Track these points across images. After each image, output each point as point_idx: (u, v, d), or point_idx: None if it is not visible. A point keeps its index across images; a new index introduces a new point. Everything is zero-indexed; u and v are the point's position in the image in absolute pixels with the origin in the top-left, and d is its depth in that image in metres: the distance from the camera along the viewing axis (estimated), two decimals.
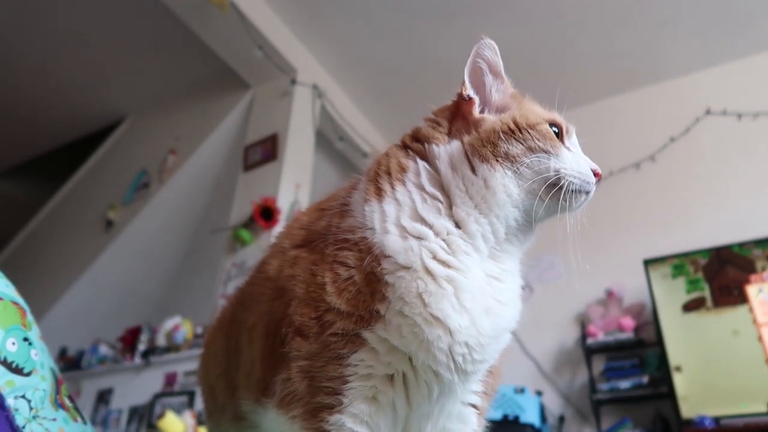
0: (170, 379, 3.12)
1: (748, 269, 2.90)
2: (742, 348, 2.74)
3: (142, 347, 3.35)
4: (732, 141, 3.62)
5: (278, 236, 0.88)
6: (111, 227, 4.12)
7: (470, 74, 0.83)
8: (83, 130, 5.11)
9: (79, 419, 1.05)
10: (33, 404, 0.95)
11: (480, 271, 0.75)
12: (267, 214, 3.19)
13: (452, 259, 0.73)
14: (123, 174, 4.45)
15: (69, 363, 3.61)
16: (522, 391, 2.89)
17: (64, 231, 4.60)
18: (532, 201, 0.76)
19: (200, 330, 3.21)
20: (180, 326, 3.24)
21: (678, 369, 2.83)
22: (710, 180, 3.57)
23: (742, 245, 2.97)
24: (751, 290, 2.83)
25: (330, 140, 4.14)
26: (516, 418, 2.78)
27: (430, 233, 0.74)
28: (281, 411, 0.74)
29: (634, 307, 3.34)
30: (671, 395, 2.79)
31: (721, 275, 2.95)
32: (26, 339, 1.00)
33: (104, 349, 3.58)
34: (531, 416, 2.80)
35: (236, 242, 3.27)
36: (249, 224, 3.25)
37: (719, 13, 3.54)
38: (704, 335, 2.86)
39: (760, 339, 2.71)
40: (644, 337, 3.18)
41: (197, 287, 4.01)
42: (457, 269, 0.73)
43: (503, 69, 0.86)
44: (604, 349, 3.26)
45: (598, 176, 0.80)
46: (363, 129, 4.37)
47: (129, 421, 3.15)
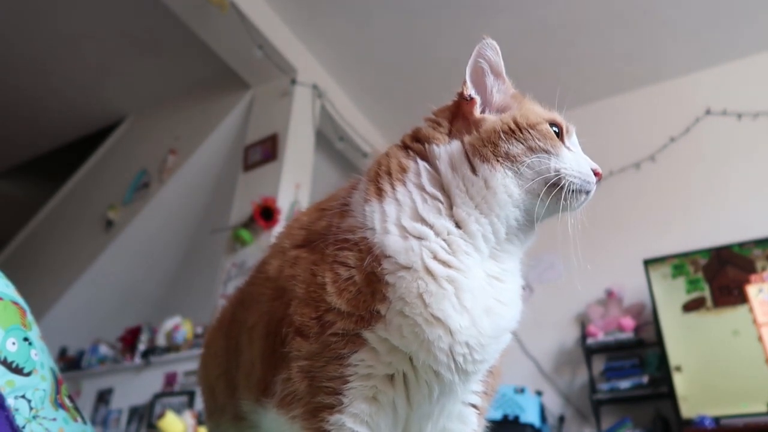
0: (170, 379, 3.12)
1: (748, 269, 2.90)
2: (742, 348, 2.74)
3: (142, 347, 3.35)
4: (732, 141, 3.62)
5: (278, 236, 0.88)
6: (111, 227, 4.12)
7: (472, 74, 0.83)
8: (83, 130, 5.11)
9: (79, 419, 1.05)
10: (33, 404, 0.95)
11: (480, 271, 0.75)
12: (267, 214, 3.19)
13: (453, 259, 0.73)
14: (123, 174, 4.45)
15: (69, 363, 3.61)
16: (522, 391, 2.89)
17: (64, 231, 4.60)
18: (533, 201, 0.76)
19: (200, 330, 3.21)
20: (180, 326, 3.24)
21: (678, 369, 2.83)
22: (710, 180, 3.57)
23: (742, 245, 2.97)
24: (751, 290, 2.83)
25: (330, 140, 4.14)
26: (516, 418, 2.78)
27: (431, 233, 0.74)
28: (281, 411, 0.74)
29: (634, 307, 3.34)
30: (671, 395, 2.79)
31: (721, 275, 2.95)
32: (26, 339, 1.00)
33: (104, 349, 3.58)
34: (531, 416, 2.80)
35: (236, 242, 3.27)
36: (249, 224, 3.25)
37: (719, 13, 3.54)
38: (704, 335, 2.86)
39: (760, 339, 2.71)
40: (644, 337, 3.18)
41: (197, 287, 4.01)
42: (458, 269, 0.72)
43: (504, 69, 0.85)
44: (604, 349, 3.26)
45: (599, 176, 0.80)
46: (363, 129, 4.37)
47: (129, 421, 3.15)
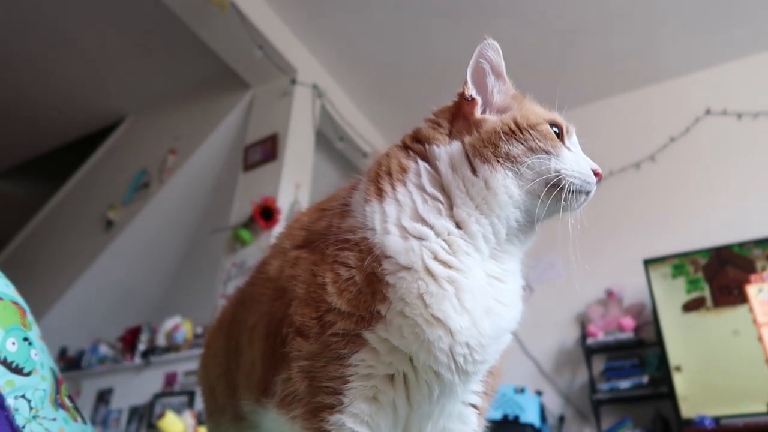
0: (170, 379, 3.12)
1: (748, 269, 2.90)
2: (742, 348, 2.74)
3: (142, 347, 3.35)
4: (732, 141, 3.62)
5: (279, 237, 0.88)
6: (111, 227, 4.12)
7: (473, 75, 0.83)
8: (83, 130, 5.11)
9: (79, 419, 1.05)
10: (33, 404, 0.95)
11: (481, 272, 0.75)
12: (267, 214, 3.19)
13: (453, 260, 0.73)
14: (123, 174, 4.45)
15: (69, 363, 3.62)
16: (522, 391, 2.89)
17: (64, 231, 4.59)
18: (534, 202, 0.76)
19: (200, 330, 3.21)
20: (180, 326, 3.24)
21: (678, 369, 2.83)
22: (710, 180, 3.57)
23: (742, 245, 2.97)
24: (751, 290, 2.83)
25: (330, 140, 4.14)
26: (516, 418, 2.78)
27: (431, 234, 0.74)
28: (282, 411, 0.74)
29: (634, 307, 3.34)
30: (671, 395, 2.79)
31: (721, 275, 2.95)
32: (26, 339, 1.00)
33: (104, 349, 3.58)
34: (531, 416, 2.80)
35: (236, 242, 3.27)
36: (249, 224, 3.25)
37: (719, 13, 3.54)
38: (704, 335, 2.86)
39: (760, 339, 2.71)
40: (644, 337, 3.18)
41: (197, 287, 4.01)
42: (458, 270, 0.72)
43: (505, 69, 0.85)
44: (604, 349, 3.26)
45: (599, 176, 0.80)
46: (363, 129, 4.37)
47: (129, 421, 3.15)
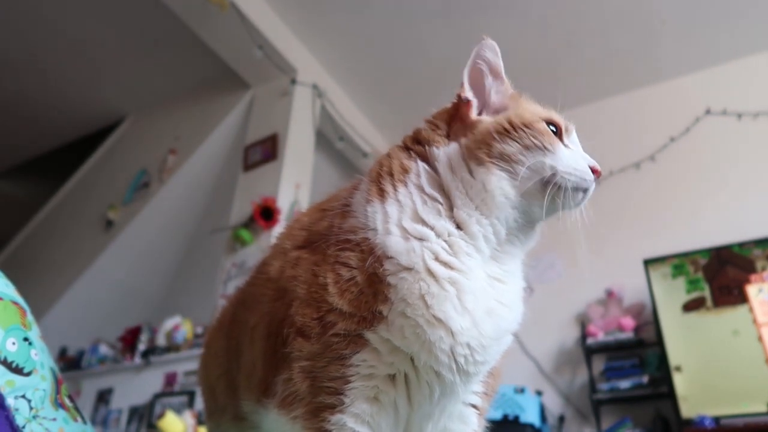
0: (170, 379, 3.12)
1: (748, 269, 2.90)
2: (742, 348, 2.74)
3: (142, 347, 3.35)
4: (732, 141, 3.62)
5: (279, 237, 0.88)
6: (111, 227, 4.12)
7: (470, 75, 0.83)
8: (83, 130, 5.11)
9: (79, 419, 1.05)
10: (33, 404, 0.95)
11: (482, 273, 0.75)
12: (267, 214, 3.19)
13: (454, 261, 0.73)
14: (123, 174, 4.45)
15: (69, 363, 3.61)
16: (522, 391, 2.89)
17: (64, 231, 4.59)
18: (531, 201, 0.76)
19: (200, 330, 3.21)
20: (180, 326, 3.24)
21: (678, 369, 2.83)
22: (710, 180, 3.57)
23: (742, 245, 2.97)
24: (751, 290, 2.83)
25: (330, 140, 4.14)
26: (516, 418, 2.78)
27: (432, 234, 0.73)
28: (282, 411, 0.74)
29: (634, 307, 3.34)
30: (671, 395, 2.79)
31: (721, 275, 2.95)
32: (26, 339, 1.00)
33: (104, 349, 3.58)
34: (531, 416, 2.80)
35: (236, 242, 3.27)
36: (249, 224, 3.25)
37: (719, 13, 3.54)
38: (704, 335, 2.86)
39: (760, 339, 2.71)
40: (644, 337, 3.18)
41: (197, 287, 4.01)
42: (459, 271, 0.72)
43: (503, 70, 0.85)
44: (604, 349, 3.26)
45: (597, 173, 0.79)
46: (363, 129, 4.37)
47: (129, 421, 3.15)
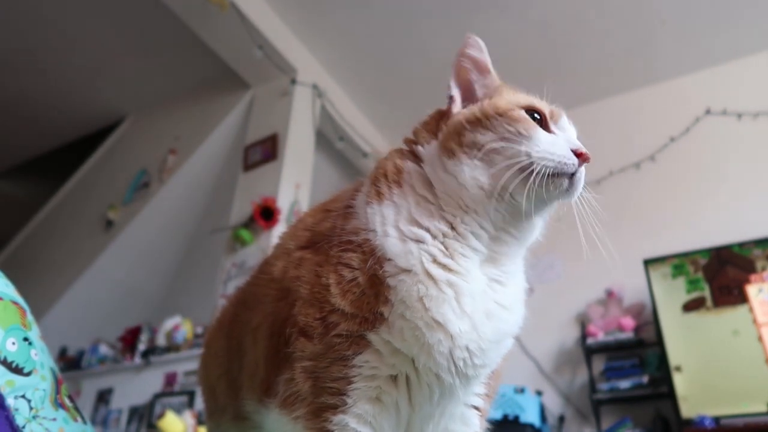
0: (170, 379, 3.12)
1: (748, 269, 2.90)
2: (742, 348, 2.74)
3: (142, 347, 3.35)
4: (732, 141, 3.62)
5: (283, 237, 0.88)
6: (111, 227, 4.12)
7: (456, 73, 0.84)
8: (83, 130, 5.11)
9: (79, 419, 1.05)
10: (33, 404, 0.95)
11: (481, 275, 0.74)
12: (267, 214, 3.19)
13: (451, 263, 0.72)
14: (123, 174, 4.45)
15: (69, 363, 3.61)
16: (522, 391, 2.89)
17: (64, 231, 4.59)
18: (512, 191, 0.72)
19: (200, 330, 3.21)
20: (180, 326, 3.24)
21: (678, 369, 2.83)
22: (710, 180, 3.57)
23: (742, 245, 2.97)
24: (751, 290, 2.83)
25: (330, 140, 4.14)
26: (516, 418, 2.78)
27: (427, 236, 0.73)
28: (284, 411, 0.74)
29: (634, 307, 3.34)
30: (671, 395, 2.79)
31: (721, 275, 2.95)
32: (26, 339, 1.00)
33: (104, 349, 3.58)
34: (531, 416, 2.80)
35: (236, 242, 3.27)
36: (249, 224, 3.25)
37: (719, 13, 3.54)
38: (704, 335, 2.86)
39: (760, 339, 2.71)
40: (644, 337, 3.18)
41: (197, 287, 4.01)
42: (457, 273, 0.72)
43: (490, 64, 0.85)
44: (604, 349, 3.26)
45: (582, 156, 0.74)
46: (363, 129, 4.37)
47: (129, 421, 3.15)
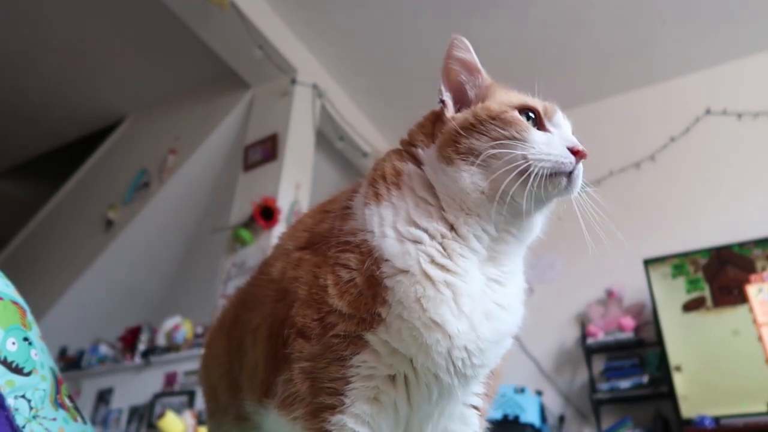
0: (170, 379, 3.12)
1: (748, 269, 2.90)
2: (742, 348, 2.74)
3: (142, 347, 3.35)
4: (732, 141, 3.62)
5: (282, 237, 0.89)
6: (111, 227, 4.12)
7: (445, 77, 0.84)
8: (83, 130, 5.11)
9: (79, 419, 1.05)
10: (33, 404, 0.95)
11: (479, 275, 0.74)
12: (267, 214, 3.19)
13: (450, 263, 0.73)
14: (123, 174, 4.45)
15: (69, 363, 3.61)
16: (522, 391, 2.89)
17: (64, 231, 4.60)
18: (511, 193, 0.73)
19: (200, 330, 3.21)
20: (180, 326, 3.24)
21: (678, 369, 2.83)
22: (710, 180, 3.57)
23: (742, 245, 2.97)
24: (751, 290, 2.83)
25: (330, 140, 4.14)
26: (516, 418, 2.78)
27: (425, 237, 0.73)
28: (283, 412, 0.74)
29: (634, 307, 3.34)
30: (671, 395, 2.79)
31: (721, 275, 2.95)
32: (26, 339, 1.00)
33: (104, 349, 3.58)
34: (531, 416, 2.80)
35: (236, 242, 3.27)
36: (249, 224, 3.25)
37: (719, 13, 3.54)
38: (704, 335, 2.86)
39: (760, 339, 2.71)
40: (644, 337, 3.19)
41: (197, 287, 4.01)
42: (456, 273, 0.72)
43: (478, 63, 0.85)
44: (604, 349, 3.26)
45: (579, 153, 0.74)
46: (363, 129, 4.37)
47: (129, 421, 3.15)
